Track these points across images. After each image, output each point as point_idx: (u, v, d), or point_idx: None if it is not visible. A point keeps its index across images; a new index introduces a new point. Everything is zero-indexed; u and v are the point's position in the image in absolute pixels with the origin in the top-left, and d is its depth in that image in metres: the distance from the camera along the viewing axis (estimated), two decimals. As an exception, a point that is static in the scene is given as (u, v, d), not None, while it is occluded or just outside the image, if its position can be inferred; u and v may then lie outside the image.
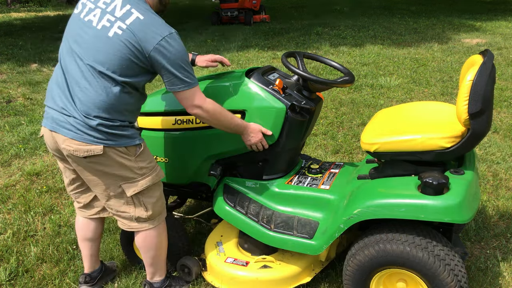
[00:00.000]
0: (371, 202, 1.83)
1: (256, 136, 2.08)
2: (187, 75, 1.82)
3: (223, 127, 1.99)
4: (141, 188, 1.96)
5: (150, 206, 2.02)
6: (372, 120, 2.24)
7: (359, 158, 3.83)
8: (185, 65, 1.81)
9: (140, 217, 2.03)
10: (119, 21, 1.78)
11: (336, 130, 4.47)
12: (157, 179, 2.01)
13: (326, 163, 2.50)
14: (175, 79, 1.81)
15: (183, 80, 1.81)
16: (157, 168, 2.02)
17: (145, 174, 1.96)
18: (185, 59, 1.82)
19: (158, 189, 2.04)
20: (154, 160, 2.05)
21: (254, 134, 2.07)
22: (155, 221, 2.07)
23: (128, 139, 1.90)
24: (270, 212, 2.19)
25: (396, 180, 1.95)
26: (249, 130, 2.06)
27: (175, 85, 1.83)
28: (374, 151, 1.99)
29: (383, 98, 5.38)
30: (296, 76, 2.35)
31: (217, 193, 2.29)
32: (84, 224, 2.26)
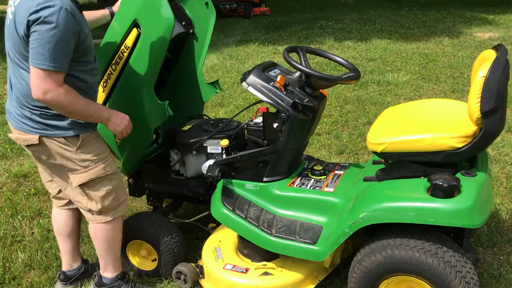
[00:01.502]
0: (378, 206, 1.83)
1: (124, 120, 2.05)
2: (54, 56, 1.75)
3: (81, 116, 1.93)
4: (84, 180, 2.04)
5: (99, 199, 2.10)
6: (379, 119, 2.24)
7: (365, 159, 3.83)
8: (58, 45, 1.74)
9: (92, 209, 2.12)
10: (13, 5, 1.85)
11: (340, 129, 4.47)
12: (103, 173, 2.06)
13: (330, 164, 2.50)
14: (39, 48, 1.74)
15: (47, 57, 1.75)
16: (106, 161, 2.07)
17: (89, 167, 2.03)
18: (63, 39, 1.75)
19: (107, 184, 2.09)
20: (105, 153, 2.09)
21: (123, 119, 2.04)
22: (108, 216, 2.15)
23: (63, 130, 1.96)
24: (271, 216, 2.19)
25: (404, 182, 1.95)
26: (117, 115, 2.03)
27: (35, 58, 1.75)
28: (381, 151, 1.99)
29: (390, 95, 5.38)
30: (299, 73, 2.35)
31: (215, 196, 2.29)
32: (57, 215, 2.35)
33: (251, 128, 2.29)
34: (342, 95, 5.41)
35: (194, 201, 2.69)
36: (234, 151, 2.39)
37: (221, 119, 2.64)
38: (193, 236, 2.90)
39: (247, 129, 2.32)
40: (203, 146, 2.41)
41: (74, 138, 1.99)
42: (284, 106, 2.11)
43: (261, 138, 2.25)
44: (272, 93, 2.14)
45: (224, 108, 5.27)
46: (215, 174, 2.26)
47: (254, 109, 4.80)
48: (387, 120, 2.18)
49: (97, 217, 2.15)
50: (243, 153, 2.29)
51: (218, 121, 2.59)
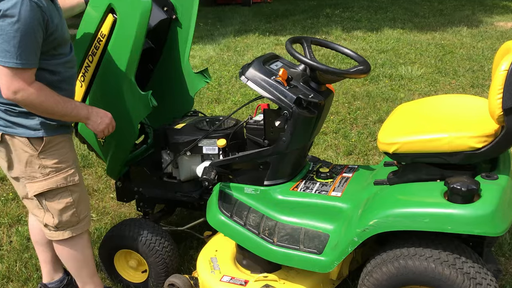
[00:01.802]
0: (389, 212, 1.83)
1: (106, 118, 2.05)
2: (20, 52, 1.74)
3: (55, 114, 1.93)
4: (42, 190, 2.01)
5: (56, 213, 2.07)
6: (391, 117, 2.24)
7: (376, 161, 3.83)
8: (23, 39, 1.73)
9: (48, 224, 2.10)
10: None
11: (349, 128, 4.47)
12: (64, 183, 2.04)
13: (338, 166, 2.50)
14: (3, 45, 1.72)
15: (12, 53, 1.74)
16: (68, 170, 2.05)
17: (49, 175, 2.01)
18: (28, 32, 1.73)
19: (67, 196, 2.07)
20: (70, 161, 2.07)
21: (104, 117, 2.04)
22: (66, 233, 2.12)
23: (28, 130, 1.95)
24: (272, 223, 2.19)
25: (419, 186, 1.95)
26: (97, 113, 2.03)
27: (0, 56, 1.74)
28: (393, 152, 1.99)
29: (404, 90, 5.38)
30: (303, 66, 2.35)
31: (211, 201, 2.29)
32: (33, 222, 2.35)
33: (251, 126, 2.29)
34: (350, 90, 5.41)
35: (188, 207, 2.69)
36: (232, 151, 2.39)
37: (217, 116, 2.64)
38: (187, 245, 2.90)
39: (246, 127, 2.32)
40: (198, 146, 2.41)
41: (38, 140, 1.97)
42: (287, 103, 2.11)
43: (261, 138, 2.25)
44: (273, 88, 2.14)
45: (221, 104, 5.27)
46: (211, 177, 2.25)
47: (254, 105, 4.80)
48: (400, 117, 2.18)
49: (53, 234, 2.12)
50: (242, 154, 2.29)
51: (215, 119, 2.59)
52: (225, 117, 2.51)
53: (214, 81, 6.02)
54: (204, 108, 5.19)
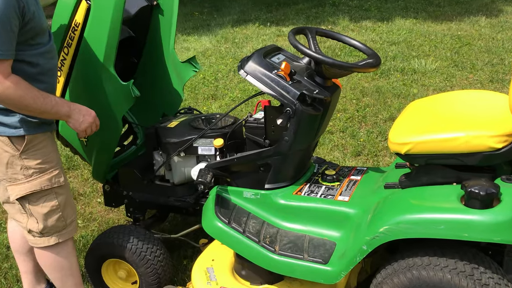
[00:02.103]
0: (401, 218, 1.84)
1: (89, 117, 2.05)
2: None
3: (34, 111, 1.92)
4: (25, 192, 2.01)
5: (41, 218, 2.07)
6: (403, 114, 2.24)
7: (387, 162, 3.83)
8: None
9: (32, 230, 2.10)
10: None
11: (357, 127, 4.47)
12: (49, 185, 2.05)
13: (345, 168, 2.50)
14: None
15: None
16: (53, 171, 2.06)
17: (32, 176, 2.01)
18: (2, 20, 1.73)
19: (53, 199, 2.08)
20: (54, 162, 2.07)
21: (87, 114, 2.05)
22: (51, 239, 2.12)
23: (8, 128, 1.95)
24: (274, 230, 2.19)
25: (433, 190, 1.95)
26: (80, 111, 2.03)
27: None
28: (405, 153, 1.99)
29: (417, 86, 5.38)
30: (307, 59, 2.35)
31: (207, 206, 2.29)
32: (13, 229, 2.34)
33: (250, 125, 2.29)
34: (359, 85, 5.41)
35: (182, 212, 2.69)
36: (230, 152, 2.39)
37: (214, 114, 2.65)
38: (181, 254, 2.90)
39: (245, 126, 2.32)
40: (192, 146, 2.41)
41: (19, 139, 1.97)
42: (289, 99, 2.11)
43: (262, 137, 2.26)
44: (275, 83, 2.14)
45: (218, 101, 5.27)
46: (207, 180, 2.25)
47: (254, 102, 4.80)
48: (413, 115, 2.18)
49: (38, 240, 2.12)
50: (240, 155, 2.29)
51: (211, 116, 2.59)
52: (223, 115, 2.52)
53: (211, 76, 6.02)
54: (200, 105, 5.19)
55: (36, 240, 2.13)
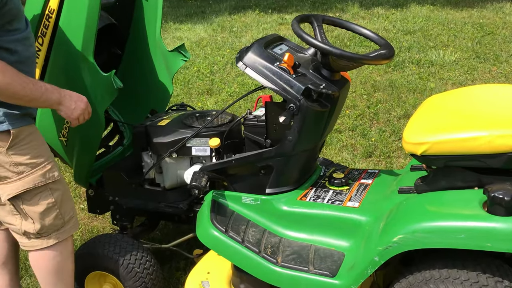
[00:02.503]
0: (417, 226, 1.84)
1: (81, 103, 2.08)
2: None
3: (22, 99, 1.93)
4: (17, 191, 2.02)
5: (37, 217, 2.08)
6: (419, 111, 2.24)
7: (401, 164, 3.83)
8: None
9: (28, 232, 2.10)
10: None
11: (368, 125, 4.47)
12: (43, 181, 2.06)
13: (355, 171, 2.50)
14: None
15: None
16: (46, 166, 2.07)
17: (23, 173, 2.02)
18: None
19: (48, 195, 2.09)
20: (46, 155, 2.08)
21: (79, 101, 2.07)
22: (50, 239, 2.13)
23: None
24: (276, 240, 2.19)
25: (453, 195, 1.95)
26: (71, 97, 2.06)
27: None
28: (421, 153, 1.99)
29: (434, 79, 5.38)
30: (313, 50, 2.36)
31: (202, 213, 2.29)
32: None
33: (250, 123, 2.29)
34: (370, 79, 5.41)
35: (174, 220, 2.69)
36: (227, 153, 2.39)
37: (210, 111, 2.65)
38: (173, 266, 2.90)
39: (244, 124, 2.32)
40: (185, 146, 2.42)
41: (4, 135, 1.98)
42: (293, 94, 2.12)
43: (262, 137, 2.26)
44: (277, 76, 2.14)
45: (214, 96, 5.27)
46: (201, 184, 2.26)
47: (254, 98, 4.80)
48: (430, 112, 2.18)
49: (35, 242, 2.13)
50: (239, 156, 2.30)
51: (206, 113, 2.60)
52: (219, 112, 2.52)
53: (206, 69, 6.02)
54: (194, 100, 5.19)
55: (32, 243, 2.13)
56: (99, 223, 3.37)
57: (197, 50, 6.76)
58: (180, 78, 5.72)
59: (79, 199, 3.62)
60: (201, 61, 6.31)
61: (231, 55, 6.42)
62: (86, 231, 3.28)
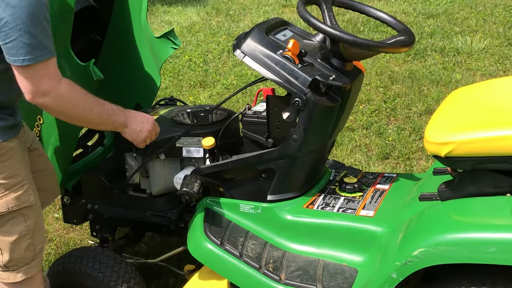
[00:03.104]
0: (441, 238, 1.84)
1: (147, 124, 2.22)
2: (35, 41, 1.83)
3: (90, 123, 2.11)
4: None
5: (6, 247, 2.06)
6: (443, 106, 2.24)
7: (422, 167, 3.83)
8: (35, 24, 1.81)
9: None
10: None
11: (384, 122, 4.47)
12: (17, 205, 2.04)
13: (369, 175, 2.50)
14: (13, 42, 1.82)
15: (28, 45, 1.82)
16: (20, 188, 2.05)
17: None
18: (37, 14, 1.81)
19: (21, 222, 2.07)
20: (21, 175, 2.07)
21: (144, 122, 2.21)
22: (19, 274, 2.11)
23: None
24: (279, 254, 2.19)
25: (482, 202, 1.95)
26: (136, 118, 2.19)
27: (12, 54, 1.83)
28: (446, 155, 1.99)
29: (461, 70, 5.38)
30: (321, 36, 2.36)
31: (194, 223, 2.29)
32: None
33: (249, 120, 2.29)
34: (387, 69, 5.40)
35: (162, 231, 2.69)
36: (223, 154, 2.39)
37: (203, 106, 2.65)
38: (161, 284, 2.90)
39: (242, 121, 2.32)
40: (175, 147, 2.42)
41: None
42: (298, 87, 2.12)
43: (264, 136, 2.26)
44: (280, 66, 2.15)
45: (208, 89, 5.27)
46: (194, 190, 2.26)
47: (254, 91, 4.80)
48: (456, 107, 2.18)
49: (2, 275, 2.10)
50: (236, 157, 2.30)
51: (199, 109, 2.60)
52: (214, 107, 2.52)
53: (198, 57, 6.02)
54: (185, 94, 5.19)
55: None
56: (76, 234, 3.37)
57: (189, 36, 6.76)
58: (169, 69, 5.72)
59: (53, 207, 3.62)
60: (193, 49, 6.31)
61: (228, 42, 6.42)
62: (61, 244, 3.28)
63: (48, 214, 3.56)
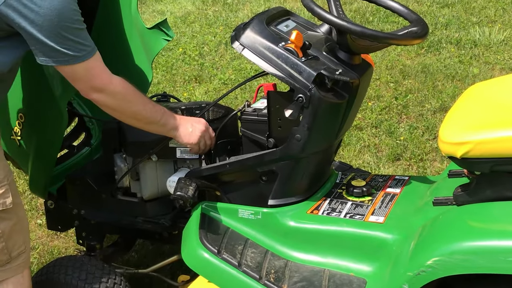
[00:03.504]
0: (456, 246, 1.84)
1: (199, 125, 2.29)
2: (71, 44, 1.95)
3: (141, 121, 2.19)
4: None
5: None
6: (460, 103, 2.24)
7: (436, 169, 3.83)
8: (66, 31, 1.92)
9: None
10: None
11: (395, 120, 4.47)
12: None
13: (379, 178, 2.50)
14: (46, 48, 1.93)
15: (63, 52, 1.94)
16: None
17: None
18: (66, 20, 1.91)
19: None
20: (1, 176, 2.08)
21: (196, 123, 2.29)
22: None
23: None
24: (281, 263, 2.19)
25: (501, 207, 1.95)
26: (186, 120, 2.28)
27: (51, 56, 1.95)
28: (462, 156, 1.99)
29: (478, 63, 5.38)
30: (327, 27, 2.36)
31: (188, 229, 2.30)
32: None
33: (249, 118, 2.30)
34: (398, 63, 5.40)
35: (154, 239, 2.69)
36: (221, 155, 2.40)
37: (198, 102, 2.65)
38: (153, 296, 2.90)
39: (241, 119, 2.32)
40: (168, 147, 2.42)
41: None
42: (302, 82, 2.12)
43: (264, 135, 2.26)
44: (282, 60, 2.15)
45: (204, 85, 5.27)
46: (188, 194, 2.26)
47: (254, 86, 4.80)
48: (473, 104, 2.18)
49: None
50: (235, 159, 2.30)
51: (194, 106, 2.59)
52: (210, 104, 2.52)
53: (194, 50, 6.02)
54: (179, 90, 5.19)
55: None
56: (61, 242, 3.37)
57: (183, 27, 6.76)
58: (162, 62, 5.72)
59: (35, 212, 3.62)
60: (187, 40, 6.31)
61: (225, 33, 6.42)
62: (45, 252, 3.28)
63: (31, 220, 3.56)
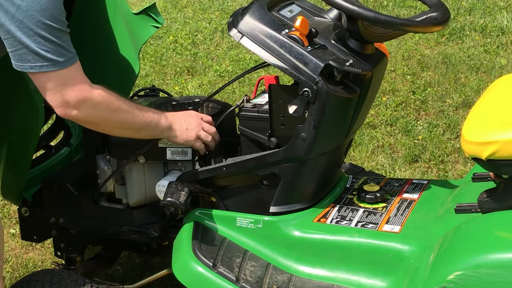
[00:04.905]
0: (482, 258, 1.84)
1: (190, 118, 2.28)
2: (51, 47, 1.94)
3: (131, 129, 2.20)
4: None
5: None
6: (485, 98, 2.24)
7: (459, 172, 3.83)
8: (47, 30, 1.92)
9: None
10: None
11: (413, 117, 4.47)
12: None
13: (394, 182, 2.50)
14: (23, 50, 1.94)
15: (41, 55, 1.94)
16: None
17: None
18: (49, 17, 1.92)
19: None
20: None
21: (187, 117, 2.28)
22: None
23: None
24: (284, 278, 2.20)
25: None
26: (177, 116, 2.28)
27: (27, 60, 1.96)
28: (487, 157, 1.99)
29: (506, 53, 5.38)
30: (336, 12, 2.36)
31: (180, 240, 2.30)
32: None
33: (248, 114, 2.31)
34: (416, 53, 5.41)
35: (141, 250, 2.69)
36: (216, 157, 2.40)
37: (191, 97, 2.65)
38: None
39: (239, 116, 2.33)
40: (158, 147, 2.42)
41: None
42: (308, 74, 2.12)
43: (265, 134, 2.26)
44: (286, 49, 2.15)
45: (198, 77, 5.27)
46: (180, 200, 2.26)
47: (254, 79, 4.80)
48: (500, 99, 2.18)
49: None
50: (232, 160, 2.30)
51: (187, 101, 2.60)
52: (205, 99, 2.52)
53: (186, 39, 6.02)
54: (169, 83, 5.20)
55: None
56: (37, 254, 3.37)
57: (174, 12, 6.76)
58: (150, 52, 5.72)
59: (8, 221, 3.62)
60: (179, 28, 6.31)
61: (222, 19, 6.43)
62: (19, 265, 3.28)
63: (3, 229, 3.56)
